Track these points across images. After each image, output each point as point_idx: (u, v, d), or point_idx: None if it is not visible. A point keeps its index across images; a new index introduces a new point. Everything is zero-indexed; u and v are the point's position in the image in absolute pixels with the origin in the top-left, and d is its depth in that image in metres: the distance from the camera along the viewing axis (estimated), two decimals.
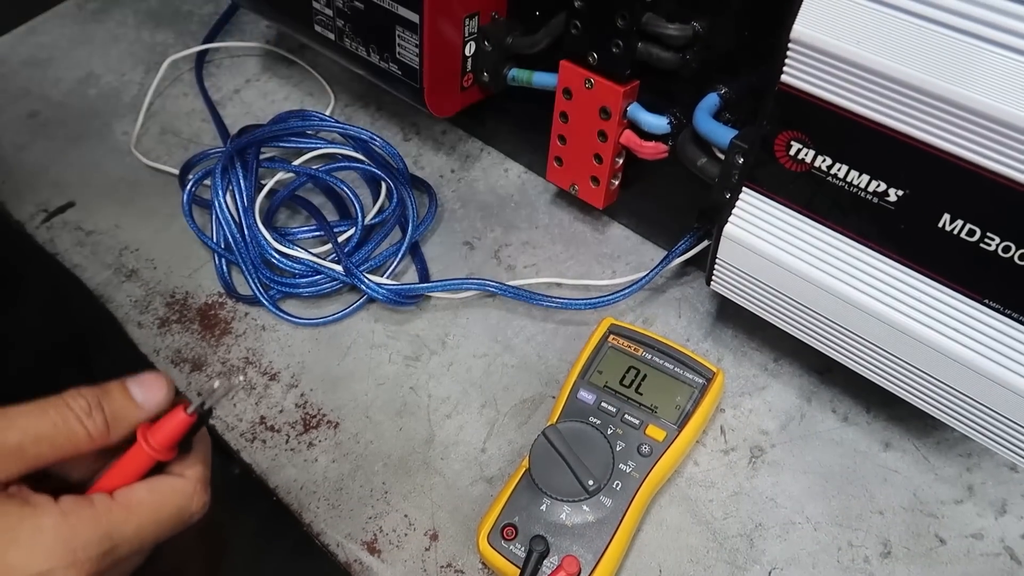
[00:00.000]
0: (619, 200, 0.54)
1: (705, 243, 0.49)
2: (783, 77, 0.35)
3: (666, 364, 0.45)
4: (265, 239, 0.52)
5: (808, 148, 0.36)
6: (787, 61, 0.34)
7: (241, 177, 0.53)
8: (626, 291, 0.50)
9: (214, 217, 0.54)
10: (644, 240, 0.56)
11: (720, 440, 0.46)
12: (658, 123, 0.47)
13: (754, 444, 0.46)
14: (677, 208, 0.51)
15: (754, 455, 0.46)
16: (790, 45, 0.34)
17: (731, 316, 0.52)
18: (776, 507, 0.44)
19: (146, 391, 0.29)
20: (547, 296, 0.51)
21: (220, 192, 0.53)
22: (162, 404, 0.30)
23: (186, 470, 0.30)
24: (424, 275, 0.55)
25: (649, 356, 0.46)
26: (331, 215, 0.58)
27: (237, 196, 0.53)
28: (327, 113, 0.64)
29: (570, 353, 0.50)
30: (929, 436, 0.46)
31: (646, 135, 0.48)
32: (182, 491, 0.29)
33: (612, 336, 0.47)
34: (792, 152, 0.36)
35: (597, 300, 0.50)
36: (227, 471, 0.48)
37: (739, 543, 0.43)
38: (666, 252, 0.51)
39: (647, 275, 0.50)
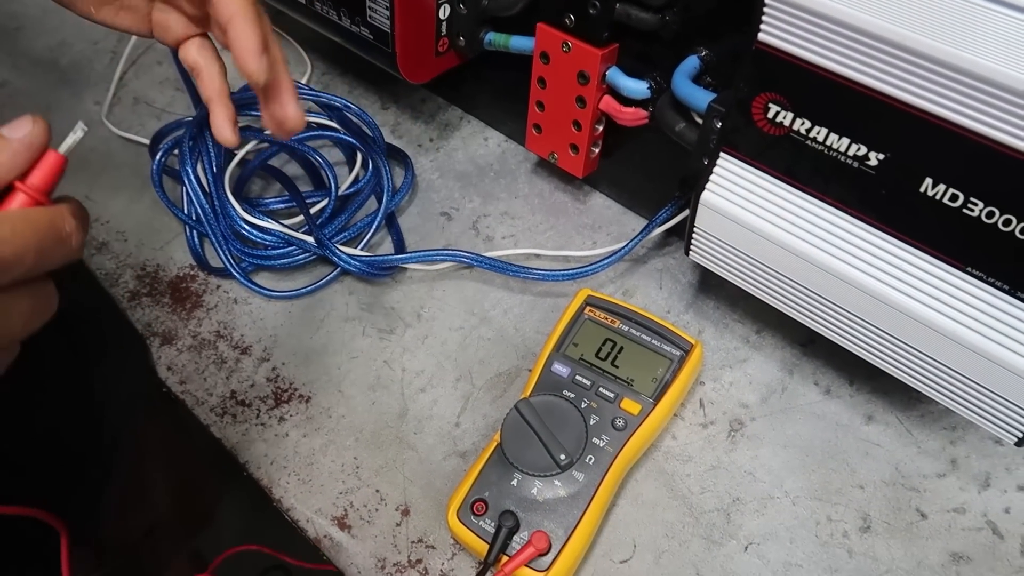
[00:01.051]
0: (600, 169, 0.53)
1: (687, 212, 0.48)
2: (760, 35, 0.33)
3: (643, 336, 0.44)
4: (235, 210, 0.51)
5: (786, 111, 0.34)
6: (764, 18, 0.33)
7: (211, 147, 0.52)
8: (605, 262, 0.49)
9: (184, 188, 0.52)
10: (626, 210, 0.55)
11: (699, 414, 0.45)
12: (637, 88, 0.45)
13: (734, 418, 0.45)
14: (659, 177, 0.50)
15: (733, 429, 0.45)
16: (767, 1, 0.32)
17: (713, 287, 0.50)
18: (754, 481, 0.43)
19: (13, 128, 0.29)
20: (525, 267, 0.50)
21: (189, 162, 0.51)
22: (32, 136, 0.29)
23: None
24: (400, 246, 0.53)
25: (626, 328, 0.44)
26: (307, 186, 0.56)
27: (206, 166, 0.52)
28: (303, 81, 0.63)
29: (548, 325, 0.49)
30: (913, 409, 0.45)
31: (626, 100, 0.46)
32: (53, 210, 0.29)
33: (589, 308, 0.45)
34: (770, 115, 0.35)
35: (576, 271, 0.49)
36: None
37: (716, 518, 0.42)
38: (647, 222, 0.49)
39: (626, 245, 0.49)
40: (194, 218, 0.52)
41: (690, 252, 0.43)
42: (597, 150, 0.51)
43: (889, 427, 0.44)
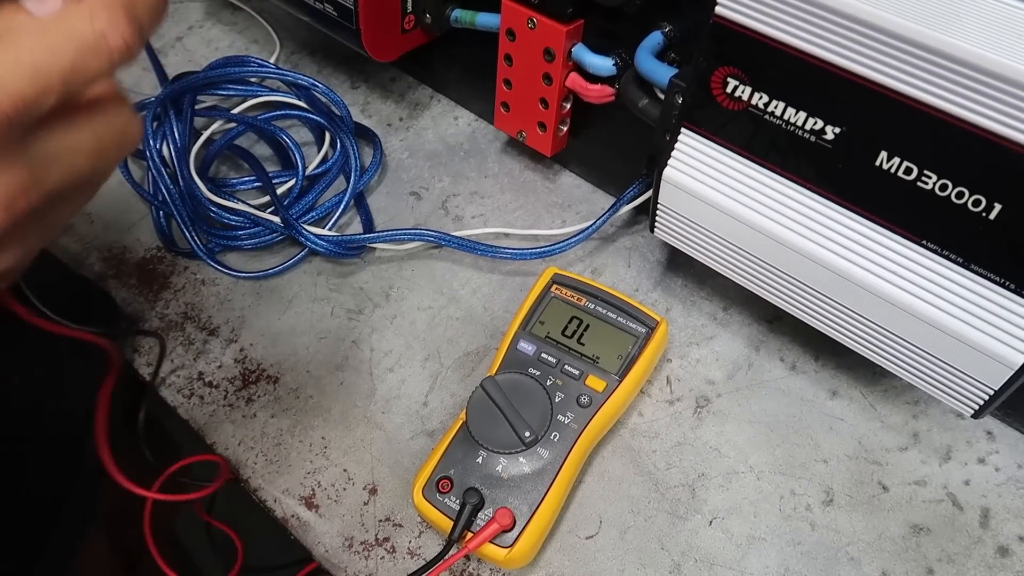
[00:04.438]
0: (569, 148, 0.52)
1: None
2: (717, 8, 0.33)
3: (609, 314, 0.44)
4: (201, 191, 0.50)
5: (744, 85, 0.34)
6: None
7: (175, 127, 0.51)
8: (573, 240, 0.49)
9: (148, 168, 0.52)
10: (595, 189, 0.55)
11: (666, 391, 0.46)
12: (603, 64, 0.45)
13: (700, 394, 0.45)
14: (628, 155, 0.50)
15: (699, 405, 0.45)
16: None
17: (681, 265, 0.50)
18: (720, 457, 0.43)
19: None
20: (494, 247, 0.49)
21: (152, 142, 0.51)
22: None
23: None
24: (369, 226, 0.53)
25: (592, 306, 0.44)
26: (274, 166, 0.56)
27: (171, 146, 0.51)
28: (272, 61, 0.62)
29: (516, 304, 0.49)
30: (877, 384, 0.45)
31: (592, 78, 0.46)
32: (79, 12, 0.22)
33: (555, 286, 0.45)
34: (729, 89, 0.35)
35: (545, 250, 0.49)
36: None
37: (681, 493, 0.42)
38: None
39: (594, 223, 0.49)
40: (160, 199, 0.52)
41: (654, 229, 0.43)
42: (565, 128, 0.51)
43: (853, 402, 0.45)
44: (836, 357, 0.46)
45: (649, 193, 0.48)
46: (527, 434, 0.40)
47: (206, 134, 0.54)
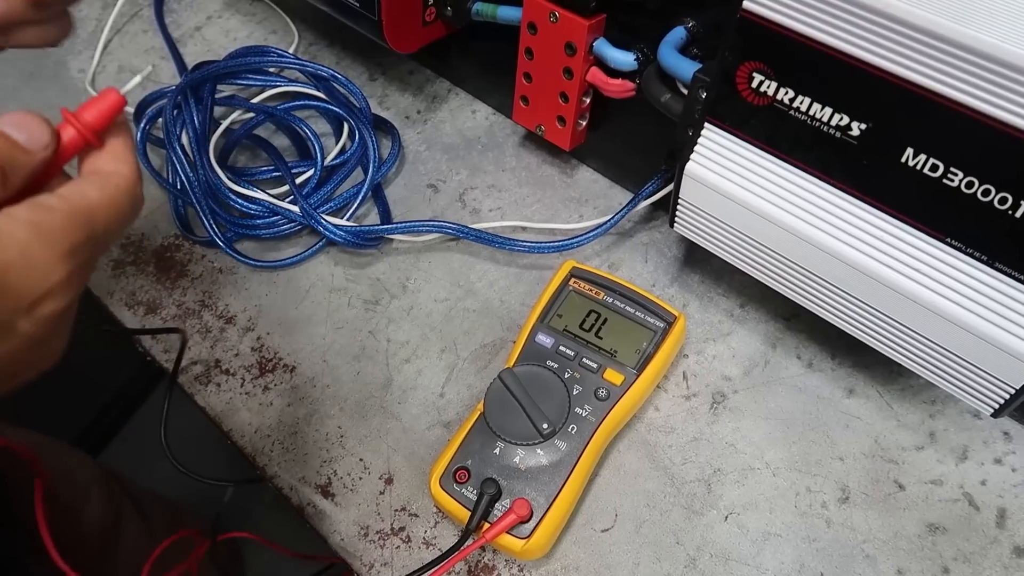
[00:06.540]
0: (588, 142, 0.52)
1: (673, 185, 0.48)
2: (745, 3, 0.33)
3: (627, 308, 0.44)
4: (220, 179, 0.50)
5: (770, 80, 0.34)
6: None
7: (195, 115, 0.52)
8: (591, 234, 0.49)
9: (168, 157, 0.52)
10: (613, 184, 0.55)
11: (682, 386, 0.46)
12: (624, 59, 0.45)
13: (716, 390, 0.45)
14: (646, 150, 0.50)
15: (716, 401, 0.45)
16: None
17: (698, 262, 0.50)
18: (736, 453, 0.43)
19: (25, 131, 0.25)
20: (511, 239, 0.50)
21: (173, 130, 0.51)
22: (48, 143, 0.26)
23: (119, 165, 0.27)
24: (386, 218, 0.53)
25: (610, 300, 0.45)
26: (293, 156, 0.56)
27: (191, 134, 0.51)
28: (291, 51, 0.62)
29: (533, 298, 0.49)
30: (894, 383, 0.45)
31: (613, 72, 0.46)
32: (126, 176, 0.27)
33: (573, 279, 0.46)
34: (754, 84, 0.35)
35: (562, 244, 0.49)
36: None
37: (697, 488, 0.42)
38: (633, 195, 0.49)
39: (612, 218, 0.49)
40: (179, 187, 0.52)
41: (674, 224, 0.43)
42: (584, 123, 0.51)
43: (870, 400, 0.45)
44: (853, 355, 0.46)
45: (668, 188, 0.48)
46: (545, 426, 0.40)
47: (225, 123, 0.54)
